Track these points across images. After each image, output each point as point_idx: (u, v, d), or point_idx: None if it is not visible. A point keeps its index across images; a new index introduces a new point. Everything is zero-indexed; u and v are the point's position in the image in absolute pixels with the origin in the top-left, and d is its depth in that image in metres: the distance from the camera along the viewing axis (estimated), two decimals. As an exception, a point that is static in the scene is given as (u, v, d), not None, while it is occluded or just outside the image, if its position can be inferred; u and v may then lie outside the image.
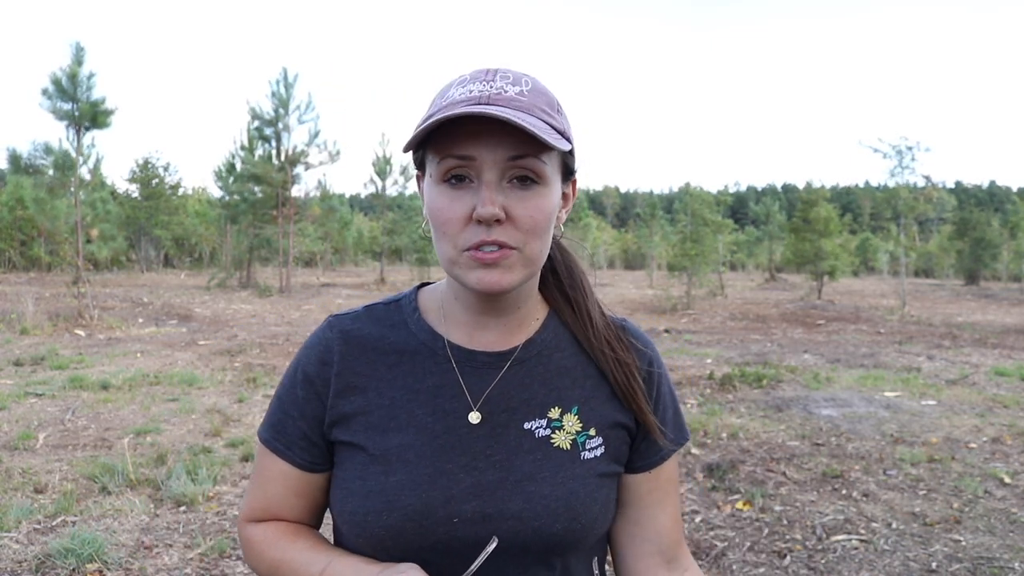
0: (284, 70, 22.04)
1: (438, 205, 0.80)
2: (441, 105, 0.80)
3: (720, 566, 3.56)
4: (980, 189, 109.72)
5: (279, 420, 0.92)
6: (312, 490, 0.93)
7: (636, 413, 0.92)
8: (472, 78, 0.81)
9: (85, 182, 14.36)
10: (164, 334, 12.38)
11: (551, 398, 0.89)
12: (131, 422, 6.05)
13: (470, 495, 0.84)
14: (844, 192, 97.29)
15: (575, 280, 0.96)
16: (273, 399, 0.94)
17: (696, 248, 21.22)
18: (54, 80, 13.38)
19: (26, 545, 3.56)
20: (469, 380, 0.88)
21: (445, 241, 0.81)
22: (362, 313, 0.94)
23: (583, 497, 0.86)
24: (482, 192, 0.77)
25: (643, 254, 44.35)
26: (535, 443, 0.87)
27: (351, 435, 0.87)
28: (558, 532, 0.84)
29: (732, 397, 7.67)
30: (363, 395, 0.88)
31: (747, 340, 13.08)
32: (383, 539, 0.83)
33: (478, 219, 0.77)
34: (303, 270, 37.15)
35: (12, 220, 29.93)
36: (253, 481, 0.96)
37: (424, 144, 0.81)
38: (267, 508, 0.94)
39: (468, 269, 0.80)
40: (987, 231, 35.30)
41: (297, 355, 0.94)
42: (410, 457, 0.84)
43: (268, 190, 22.24)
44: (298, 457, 0.90)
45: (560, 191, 0.85)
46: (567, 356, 0.93)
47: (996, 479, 4.88)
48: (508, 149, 0.77)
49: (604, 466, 0.90)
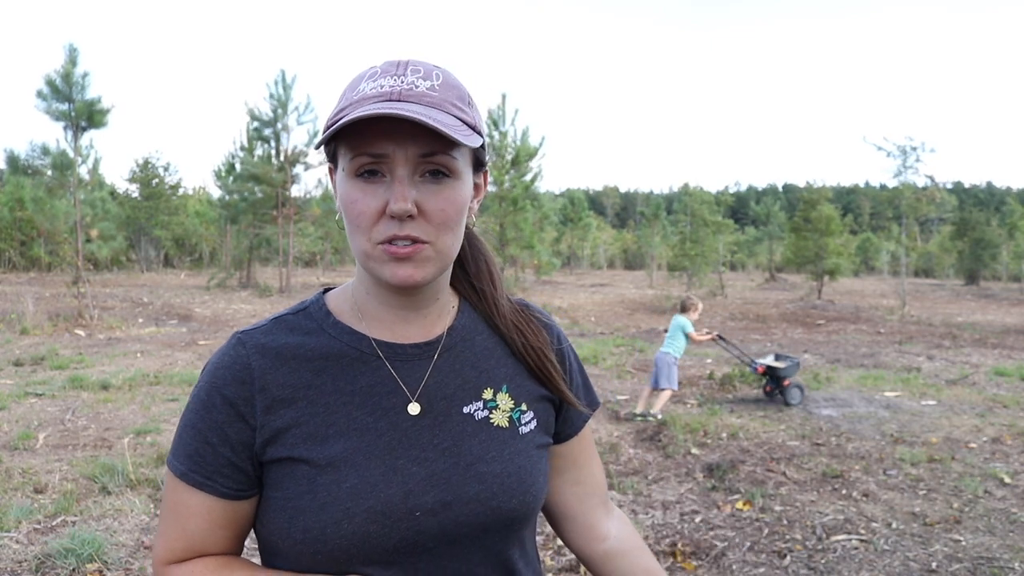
0: (282, 71, 22.12)
1: (351, 199, 0.80)
2: (352, 99, 0.80)
3: (720, 566, 3.56)
4: (980, 189, 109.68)
5: (196, 450, 0.84)
6: (238, 518, 0.87)
7: (554, 391, 0.96)
8: (383, 71, 0.81)
9: (84, 182, 14.35)
10: (164, 334, 12.38)
11: (482, 380, 0.92)
12: (131, 422, 6.05)
13: (427, 486, 0.84)
14: (845, 192, 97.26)
15: (480, 270, 0.98)
16: (183, 428, 0.86)
17: (696, 248, 21.25)
18: (48, 81, 13.38)
19: (26, 545, 3.56)
20: (402, 373, 0.88)
21: (359, 235, 0.81)
22: (271, 326, 0.89)
23: (530, 470, 0.90)
24: (395, 188, 0.78)
25: (643, 254, 44.34)
26: (477, 425, 0.89)
27: (288, 450, 0.83)
28: (515, 507, 0.88)
29: (732, 397, 7.67)
30: (292, 407, 0.84)
31: (747, 340, 13.07)
32: (346, 548, 0.81)
33: (391, 214, 0.78)
34: (303, 270, 37.13)
35: (12, 220, 29.95)
36: (167, 518, 0.87)
37: (335, 138, 0.81)
38: (189, 546, 0.86)
39: (382, 263, 0.80)
40: (987, 231, 35.30)
41: (207, 377, 0.86)
42: (359, 460, 0.83)
43: (268, 190, 22.23)
44: (222, 487, 0.84)
45: (471, 183, 0.86)
46: (486, 338, 0.95)
47: (996, 479, 4.88)
48: (420, 146, 0.78)
49: (540, 438, 0.94)
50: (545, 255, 22.26)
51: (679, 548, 3.72)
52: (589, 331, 14.60)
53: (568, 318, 17.35)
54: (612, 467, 5.15)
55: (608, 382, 8.55)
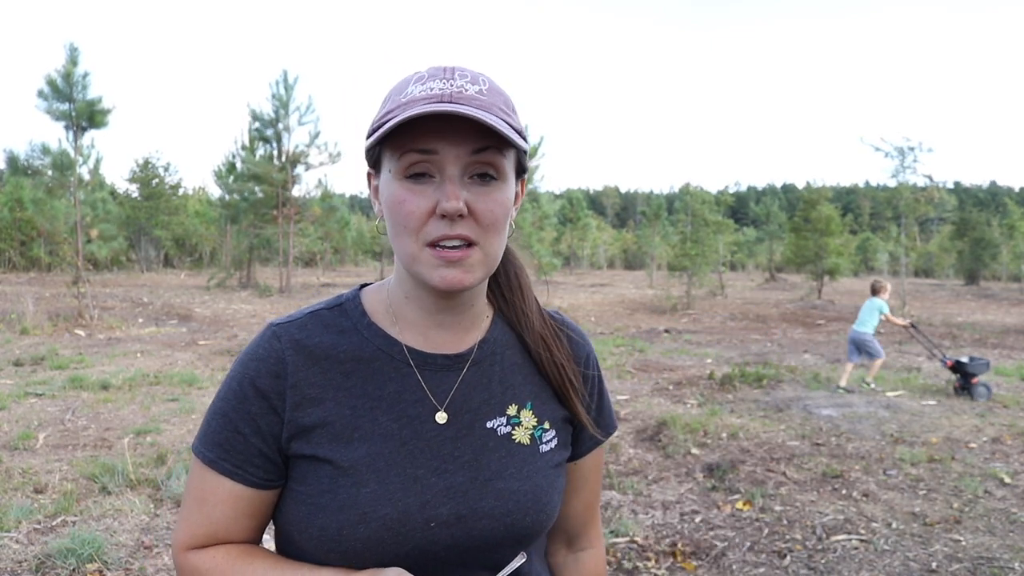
0: (284, 72, 22.08)
1: (399, 199, 0.80)
2: (400, 102, 0.80)
3: (720, 566, 3.56)
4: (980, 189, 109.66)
5: (227, 439, 0.85)
6: (264, 508, 0.88)
7: (569, 409, 0.97)
8: (431, 76, 0.82)
9: (84, 182, 14.34)
10: (164, 334, 12.38)
11: (508, 395, 0.92)
12: (131, 422, 6.05)
13: (444, 498, 0.84)
14: (844, 192, 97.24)
15: (511, 281, 0.99)
16: (213, 416, 0.87)
17: (696, 248, 21.23)
18: (49, 81, 13.37)
19: (26, 545, 3.56)
20: (430, 383, 0.88)
21: (406, 236, 0.81)
22: (308, 320, 0.90)
23: (546, 488, 0.91)
24: (446, 187, 0.79)
25: (643, 254, 44.34)
26: (499, 441, 0.89)
27: (313, 448, 0.84)
28: (528, 524, 0.88)
29: (732, 397, 7.67)
30: (321, 406, 0.85)
31: (747, 340, 13.08)
32: (360, 551, 0.82)
33: (442, 213, 0.78)
34: (303, 270, 37.15)
35: (12, 220, 29.96)
36: (191, 504, 0.87)
37: (381, 142, 0.81)
38: (212, 532, 0.87)
39: (431, 267, 0.81)
40: (987, 231, 35.32)
41: (240, 367, 0.87)
42: (380, 466, 0.84)
43: (268, 190, 22.24)
44: (252, 476, 0.85)
45: (515, 188, 0.87)
46: (516, 353, 0.96)
47: (996, 479, 4.88)
48: (471, 143, 0.79)
49: (558, 457, 0.94)
50: (545, 255, 22.26)
51: (679, 548, 3.72)
52: (589, 331, 14.60)
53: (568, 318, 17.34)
54: (612, 467, 5.15)
55: (608, 382, 8.53)
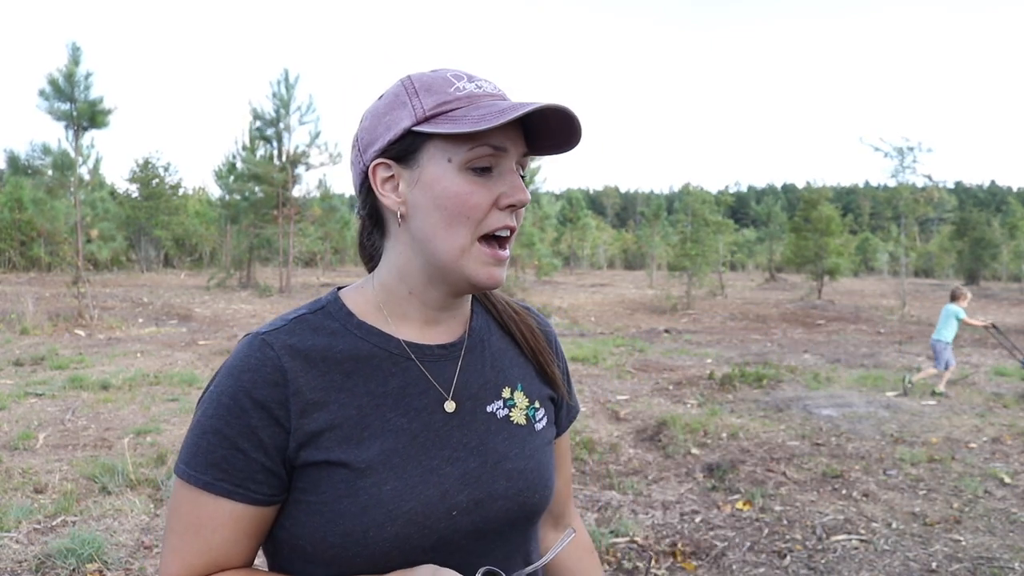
0: (285, 71, 22.08)
1: (465, 191, 0.82)
2: (457, 95, 0.82)
3: (720, 566, 3.56)
4: (980, 189, 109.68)
5: (223, 457, 0.80)
6: (264, 526, 0.85)
7: (558, 392, 1.01)
8: (460, 75, 0.85)
9: (84, 182, 14.34)
10: (164, 334, 12.38)
11: (501, 379, 0.95)
12: (131, 422, 6.05)
13: (461, 485, 0.86)
14: (844, 192, 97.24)
15: None
16: (203, 435, 0.82)
17: (696, 248, 21.23)
18: (51, 81, 13.37)
19: (26, 545, 3.56)
20: (433, 373, 0.90)
21: (463, 228, 0.83)
22: (295, 326, 0.87)
23: (547, 464, 0.95)
24: (514, 181, 0.84)
25: (643, 254, 44.34)
26: (500, 424, 0.92)
27: (324, 454, 0.82)
28: (537, 501, 0.92)
29: (732, 397, 7.67)
30: (325, 409, 0.83)
31: (747, 340, 13.08)
32: (386, 551, 0.81)
33: (518, 204, 0.84)
34: (303, 270, 37.13)
35: (12, 221, 29.96)
36: (183, 534, 0.82)
37: (422, 133, 0.82)
38: (211, 560, 0.82)
39: (480, 263, 0.84)
40: (987, 231, 35.32)
41: (230, 380, 0.82)
42: (396, 462, 0.83)
43: (269, 190, 22.24)
44: (255, 493, 0.81)
45: None
46: (498, 338, 0.99)
47: (996, 479, 4.88)
48: (521, 147, 0.85)
49: (550, 434, 0.99)
50: (545, 255, 22.26)
51: (679, 548, 3.73)
52: (589, 331, 14.60)
53: (568, 318, 17.35)
54: (612, 467, 5.15)
55: (608, 382, 8.54)
